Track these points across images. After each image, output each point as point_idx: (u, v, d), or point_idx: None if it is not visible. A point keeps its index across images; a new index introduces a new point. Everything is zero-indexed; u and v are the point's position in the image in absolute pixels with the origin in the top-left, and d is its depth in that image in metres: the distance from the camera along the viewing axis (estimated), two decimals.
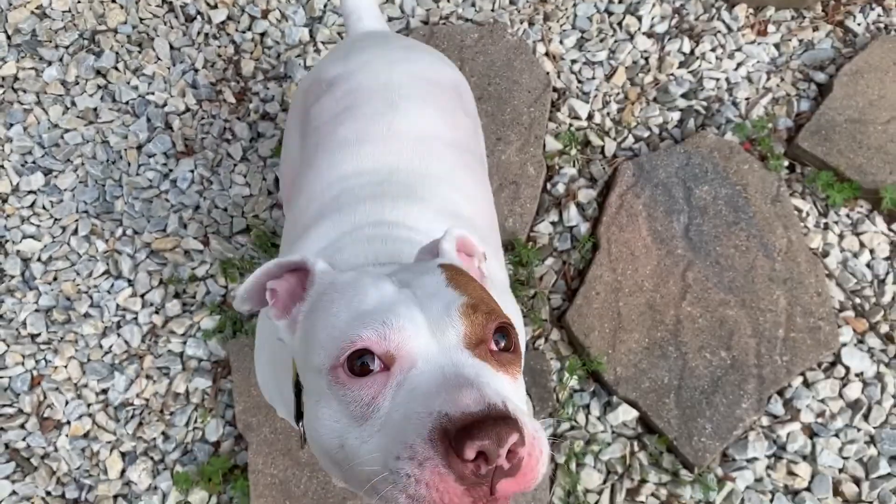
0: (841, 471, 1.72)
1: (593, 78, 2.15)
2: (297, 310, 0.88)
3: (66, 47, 2.21)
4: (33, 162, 2.07)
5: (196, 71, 2.18)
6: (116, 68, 2.19)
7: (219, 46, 2.22)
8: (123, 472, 1.76)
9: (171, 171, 2.06)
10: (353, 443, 0.73)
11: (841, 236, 1.95)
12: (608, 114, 2.11)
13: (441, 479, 0.65)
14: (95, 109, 2.14)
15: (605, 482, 1.72)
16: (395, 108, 1.24)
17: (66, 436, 1.78)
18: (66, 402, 1.81)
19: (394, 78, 1.29)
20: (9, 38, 2.22)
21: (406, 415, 0.70)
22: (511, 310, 1.19)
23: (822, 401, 1.78)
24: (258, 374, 1.25)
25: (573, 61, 2.17)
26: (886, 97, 2.04)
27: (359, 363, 0.74)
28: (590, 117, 2.10)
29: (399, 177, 1.17)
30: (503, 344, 0.78)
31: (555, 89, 2.13)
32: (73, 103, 2.15)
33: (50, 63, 2.19)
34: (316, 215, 1.16)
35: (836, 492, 1.71)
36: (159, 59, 2.20)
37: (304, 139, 1.35)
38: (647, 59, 2.17)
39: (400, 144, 1.20)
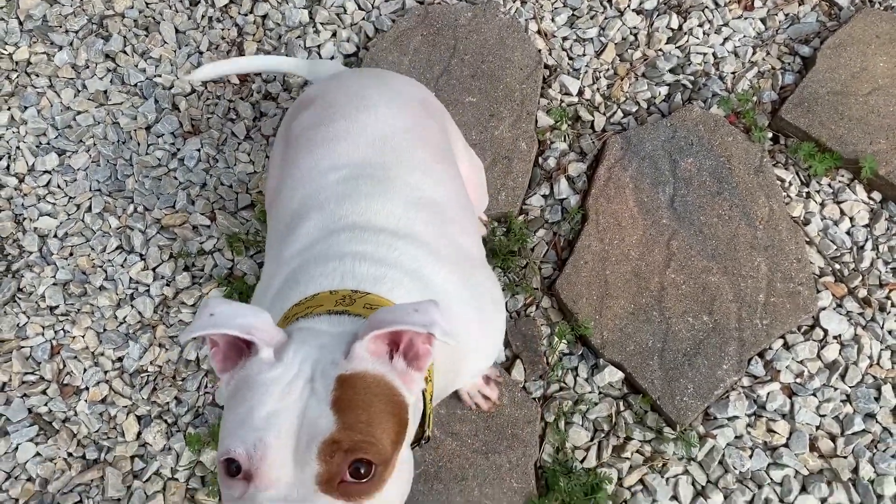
0: (818, 428, 1.81)
1: (584, 55, 2.22)
2: (236, 370, 0.91)
3: (76, 32, 2.30)
4: (48, 143, 2.17)
5: (201, 53, 2.27)
6: (124, 52, 2.28)
7: (222, 29, 2.30)
8: (139, 434, 1.87)
9: (178, 150, 2.15)
10: None
11: (822, 205, 2.02)
12: (598, 89, 2.18)
13: None
14: (105, 92, 2.23)
15: (592, 440, 1.82)
16: (363, 111, 1.36)
17: (85, 401, 1.90)
18: (84, 370, 1.92)
19: (363, 91, 1.42)
20: (21, 24, 2.31)
21: None
22: (485, 284, 1.28)
23: (801, 362, 1.86)
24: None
25: (564, 38, 2.24)
26: (868, 69, 2.10)
27: (233, 466, 0.83)
28: (580, 93, 2.17)
29: (369, 170, 1.27)
30: (362, 471, 0.83)
31: (546, 66, 2.20)
32: (84, 86, 2.24)
33: (61, 48, 2.28)
34: (298, 211, 1.25)
35: (813, 447, 1.80)
36: (165, 42, 2.28)
37: (287, 150, 1.46)
38: (636, 35, 2.24)
39: (369, 140, 1.31)
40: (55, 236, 2.07)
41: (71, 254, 2.05)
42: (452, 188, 1.37)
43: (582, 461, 1.79)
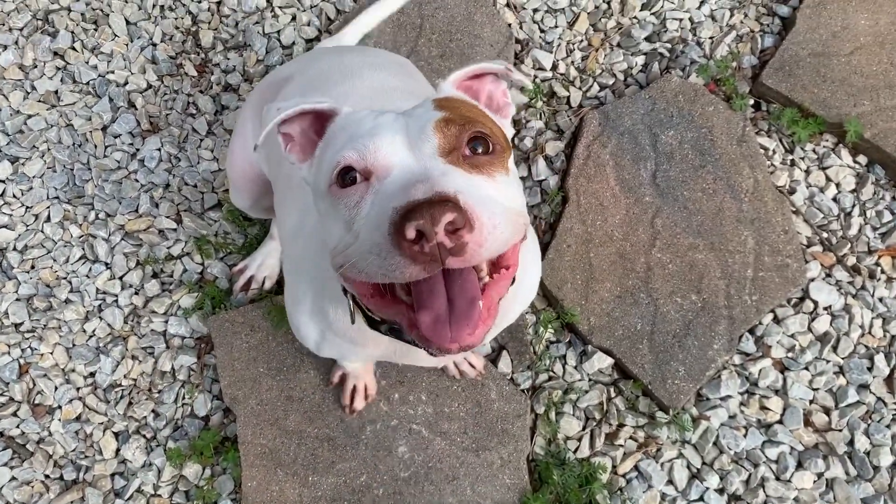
0: (811, 402, 1.78)
1: (556, 26, 2.13)
2: (317, 149, 0.96)
3: (20, 29, 2.17)
4: None
5: (154, 45, 2.15)
6: (73, 48, 2.15)
7: (175, 18, 2.18)
8: (118, 451, 1.81)
9: (137, 150, 2.05)
10: (348, 242, 0.84)
11: (807, 172, 1.96)
12: (572, 62, 2.10)
13: (394, 263, 0.75)
14: (56, 92, 2.12)
15: (584, 429, 1.78)
16: (353, 76, 1.36)
17: (59, 420, 1.83)
18: (56, 388, 1.85)
19: (343, 58, 1.43)
20: None
21: (377, 213, 0.80)
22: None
23: (793, 336, 1.83)
24: (294, 317, 1.27)
25: (535, 10, 2.15)
26: (849, 28, 2.03)
27: (347, 178, 0.84)
28: (554, 67, 2.09)
29: None
30: (480, 149, 0.85)
31: (517, 41, 2.11)
32: (33, 87, 2.12)
33: (5, 47, 2.15)
34: None
35: (807, 422, 1.77)
36: (116, 35, 2.16)
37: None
38: (608, 3, 2.15)
39: (366, 97, 1.31)
40: (14, 249, 1.97)
41: (32, 266, 1.96)
42: None
43: (575, 451, 1.75)
